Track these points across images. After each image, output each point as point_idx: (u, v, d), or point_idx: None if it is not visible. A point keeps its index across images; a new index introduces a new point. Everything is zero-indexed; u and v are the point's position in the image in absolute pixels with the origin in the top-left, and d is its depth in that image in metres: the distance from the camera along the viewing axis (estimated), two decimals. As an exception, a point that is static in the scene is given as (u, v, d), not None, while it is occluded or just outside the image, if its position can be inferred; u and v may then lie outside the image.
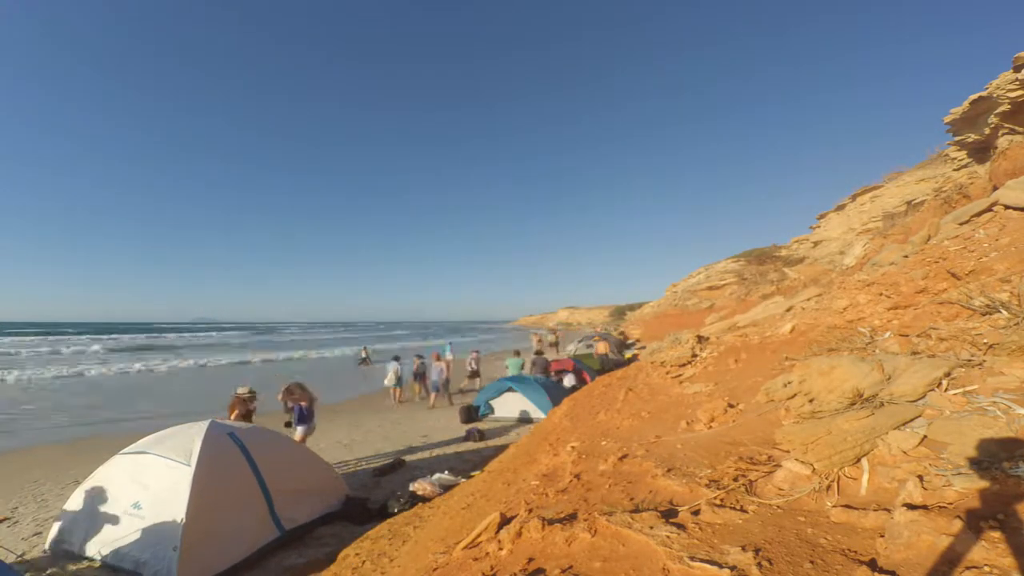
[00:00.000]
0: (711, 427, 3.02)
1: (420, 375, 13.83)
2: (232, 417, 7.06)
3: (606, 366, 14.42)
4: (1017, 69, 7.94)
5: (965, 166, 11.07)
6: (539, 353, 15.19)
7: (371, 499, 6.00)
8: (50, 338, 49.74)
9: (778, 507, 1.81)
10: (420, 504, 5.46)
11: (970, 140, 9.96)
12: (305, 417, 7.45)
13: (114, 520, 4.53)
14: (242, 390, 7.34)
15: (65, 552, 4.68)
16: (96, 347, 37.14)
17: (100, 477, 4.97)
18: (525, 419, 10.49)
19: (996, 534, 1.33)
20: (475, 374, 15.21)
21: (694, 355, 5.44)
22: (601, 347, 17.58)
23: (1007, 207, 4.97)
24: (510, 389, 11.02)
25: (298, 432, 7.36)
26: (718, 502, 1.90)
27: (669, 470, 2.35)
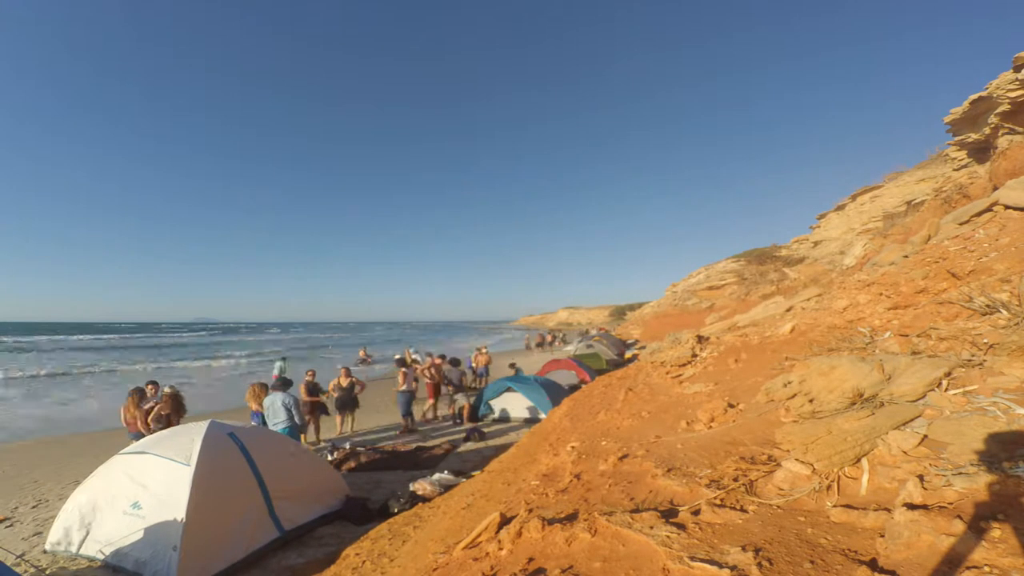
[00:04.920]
0: (711, 427, 3.02)
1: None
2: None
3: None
4: (1017, 69, 7.94)
5: (965, 166, 11.07)
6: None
7: (371, 499, 6.01)
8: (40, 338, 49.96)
9: (778, 507, 1.81)
10: (420, 504, 5.45)
11: (970, 140, 9.97)
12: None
13: (114, 520, 4.53)
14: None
15: (65, 552, 4.67)
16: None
17: (100, 477, 4.97)
18: (525, 419, 10.50)
19: (997, 534, 1.33)
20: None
21: (694, 355, 5.45)
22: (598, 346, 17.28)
23: (1007, 207, 4.97)
24: (510, 389, 11.02)
25: None
26: (718, 502, 1.90)
27: (669, 470, 2.34)
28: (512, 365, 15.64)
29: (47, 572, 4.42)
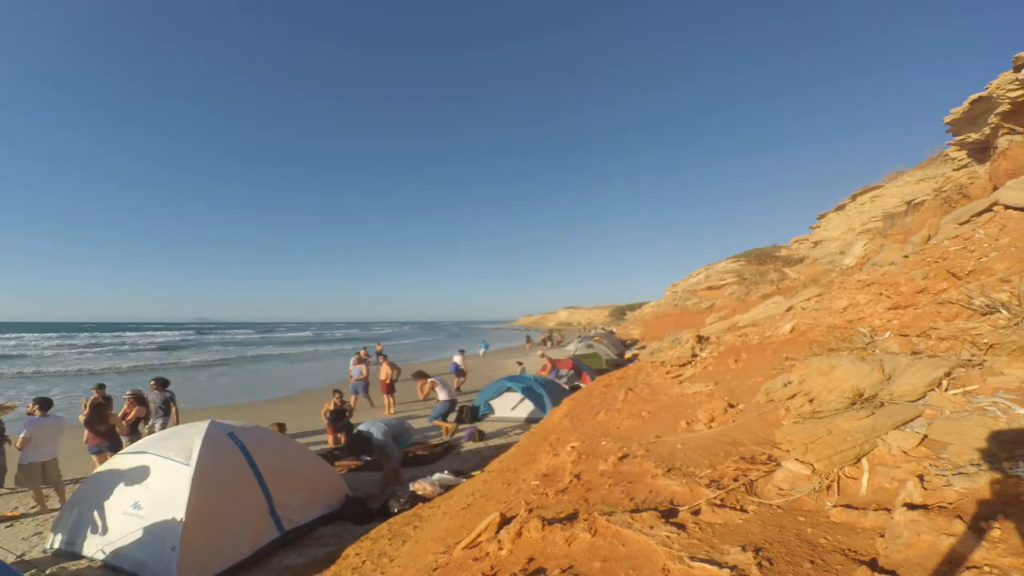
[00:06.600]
0: (711, 427, 3.02)
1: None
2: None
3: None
4: (1017, 69, 7.94)
5: (965, 166, 11.07)
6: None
7: (371, 499, 6.00)
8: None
9: (778, 507, 1.81)
10: (420, 504, 5.45)
11: (970, 140, 9.97)
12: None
13: (114, 520, 4.53)
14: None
15: (65, 552, 4.67)
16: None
17: (100, 477, 4.97)
18: (525, 419, 10.50)
19: (997, 534, 1.32)
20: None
21: (694, 355, 5.45)
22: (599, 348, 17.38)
23: (1007, 207, 4.97)
24: (510, 389, 11.01)
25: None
26: (718, 502, 1.90)
27: (669, 470, 2.34)
28: (520, 363, 16.00)
29: (47, 572, 4.42)
